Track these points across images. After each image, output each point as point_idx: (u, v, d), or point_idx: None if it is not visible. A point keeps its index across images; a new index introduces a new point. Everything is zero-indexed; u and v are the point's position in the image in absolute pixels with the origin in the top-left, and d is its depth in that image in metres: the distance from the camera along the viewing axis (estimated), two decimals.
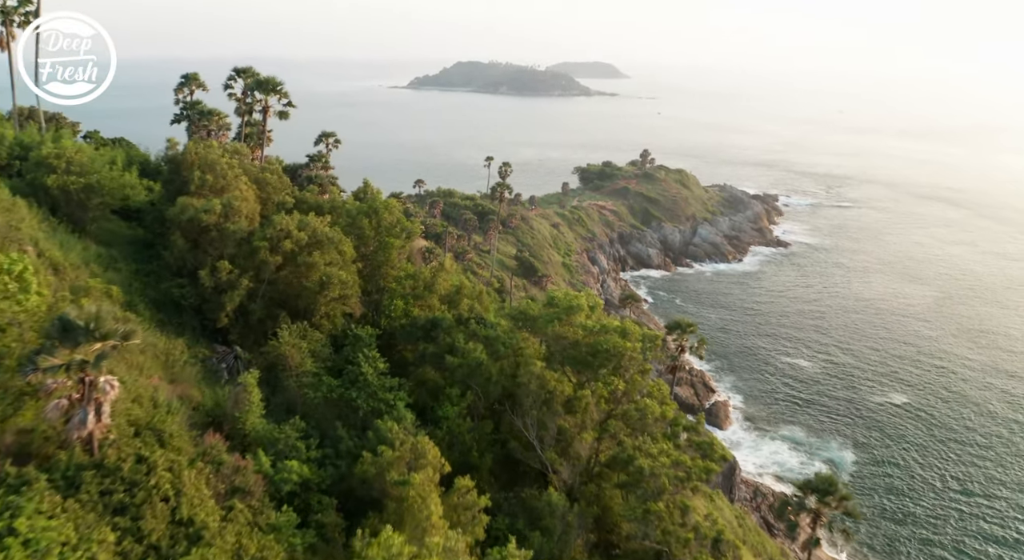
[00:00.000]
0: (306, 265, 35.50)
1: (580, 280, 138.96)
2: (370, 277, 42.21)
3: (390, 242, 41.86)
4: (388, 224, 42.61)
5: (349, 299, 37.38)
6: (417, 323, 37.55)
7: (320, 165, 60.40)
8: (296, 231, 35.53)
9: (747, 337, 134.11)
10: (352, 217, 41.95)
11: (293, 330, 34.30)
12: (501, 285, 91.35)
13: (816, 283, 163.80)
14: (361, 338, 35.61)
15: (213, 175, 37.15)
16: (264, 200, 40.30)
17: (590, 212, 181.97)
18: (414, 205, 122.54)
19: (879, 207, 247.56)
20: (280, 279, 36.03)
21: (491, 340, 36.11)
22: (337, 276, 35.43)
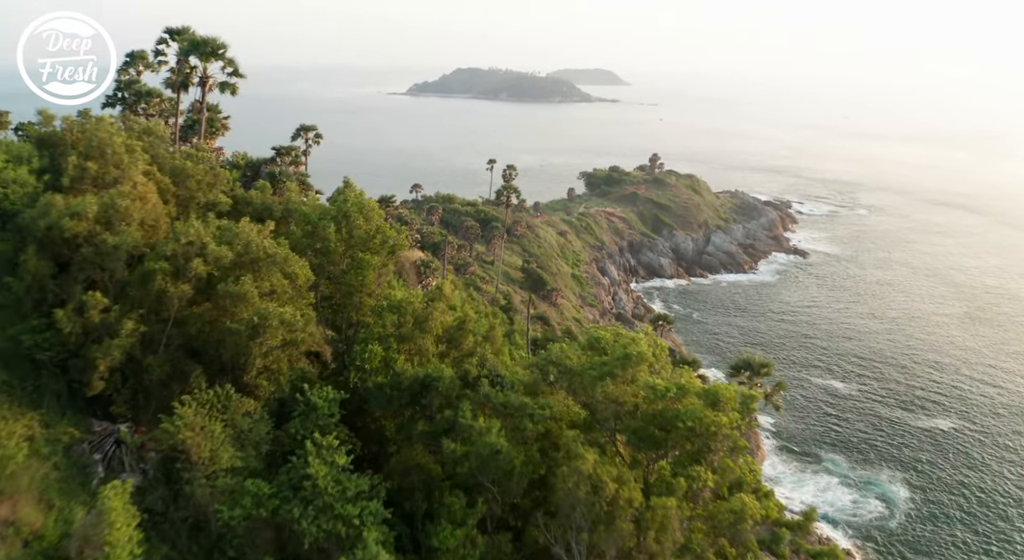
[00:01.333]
0: (231, 297, 22.98)
1: (591, 293, 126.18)
2: (338, 308, 29.76)
3: (365, 260, 29.27)
4: (363, 234, 30.02)
5: (300, 345, 24.83)
6: (401, 383, 24.91)
7: (290, 160, 47.94)
8: (215, 246, 22.96)
9: (773, 355, 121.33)
10: (312, 224, 29.33)
11: (206, 399, 21.82)
12: (508, 302, 78.76)
13: (841, 295, 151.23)
14: (315, 408, 23.12)
15: (99, 162, 24.68)
16: (184, 200, 27.82)
17: (598, 219, 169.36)
18: (410, 211, 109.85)
19: (895, 214, 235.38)
20: (192, 318, 23.53)
21: (512, 411, 23.57)
22: (276, 314, 22.83)
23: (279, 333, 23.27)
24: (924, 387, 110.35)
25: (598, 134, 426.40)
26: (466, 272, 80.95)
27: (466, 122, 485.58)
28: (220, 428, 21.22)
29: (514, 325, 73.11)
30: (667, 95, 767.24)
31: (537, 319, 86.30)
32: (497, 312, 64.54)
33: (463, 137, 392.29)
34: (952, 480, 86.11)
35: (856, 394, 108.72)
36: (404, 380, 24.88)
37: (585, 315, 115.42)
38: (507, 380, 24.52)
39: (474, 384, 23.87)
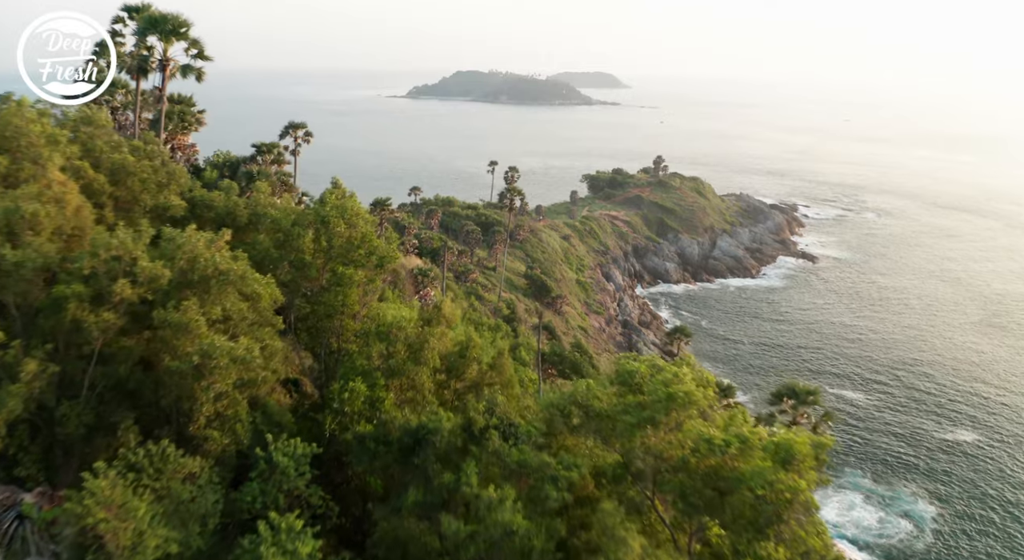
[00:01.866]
0: (169, 328, 17.79)
1: (596, 300, 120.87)
2: (316, 333, 24.57)
3: (346, 275, 24.05)
4: (344, 244, 24.82)
5: (260, 386, 19.57)
6: (388, 434, 19.58)
7: (272, 158, 42.69)
8: (147, 262, 17.73)
9: (785, 363, 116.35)
10: (284, 232, 24.10)
11: (134, 461, 16.60)
12: (512, 311, 73.45)
13: (852, 301, 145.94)
14: (283, 471, 17.89)
15: (11, 156, 19.49)
16: (125, 204, 22.58)
17: (602, 223, 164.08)
18: (408, 215, 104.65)
19: (904, 217, 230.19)
20: (122, 354, 18.33)
21: (530, 472, 18.23)
22: (226, 350, 17.58)
23: (231, 373, 18.06)
24: (944, 396, 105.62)
25: (599, 136, 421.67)
26: (467, 280, 75.69)
27: (466, 124, 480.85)
28: (148, 503, 15.94)
29: (519, 337, 67.80)
30: (667, 98, 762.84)
31: (543, 329, 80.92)
32: (500, 325, 59.36)
33: (463, 140, 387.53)
34: (980, 493, 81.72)
35: (873, 404, 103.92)
36: (392, 431, 19.63)
37: (591, 323, 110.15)
38: (522, 429, 19.31)
39: (481, 437, 18.69)
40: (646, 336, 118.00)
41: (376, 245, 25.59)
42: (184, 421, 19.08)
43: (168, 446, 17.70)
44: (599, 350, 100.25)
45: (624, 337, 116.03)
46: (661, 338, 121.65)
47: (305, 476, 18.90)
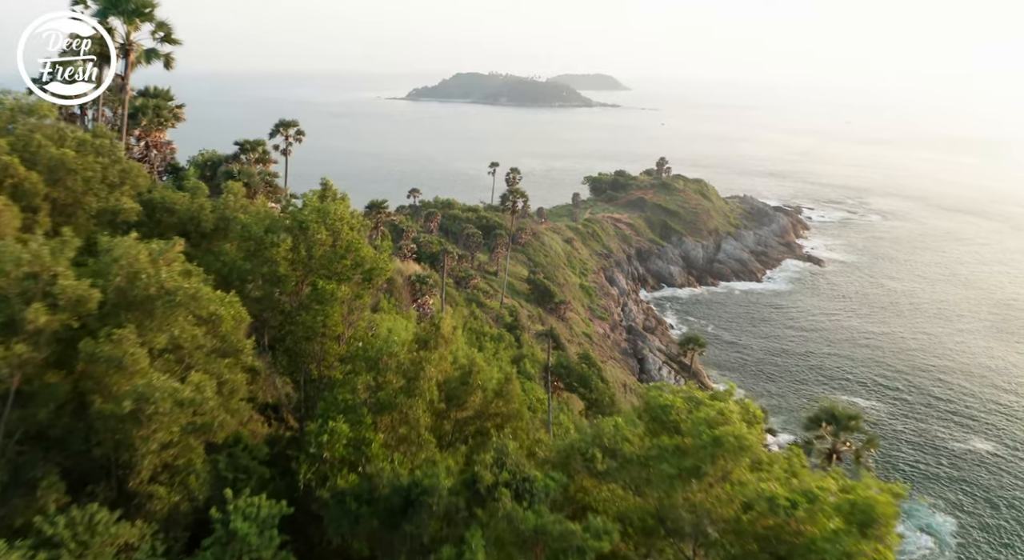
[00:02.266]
0: (101, 363, 14.12)
1: (600, 305, 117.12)
2: (293, 357, 20.89)
3: (327, 291, 20.32)
4: (326, 254, 21.14)
5: (214, 431, 15.83)
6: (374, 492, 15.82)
7: (256, 156, 39.02)
8: (72, 280, 14.04)
9: (794, 370, 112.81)
10: (256, 240, 20.38)
11: (52, 534, 12.96)
12: (515, 318, 69.71)
13: (861, 306, 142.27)
14: (243, 539, 14.28)
15: None
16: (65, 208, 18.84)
17: (604, 225, 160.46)
18: (406, 218, 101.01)
19: (909, 220, 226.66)
20: (42, 395, 14.68)
21: (551, 542, 14.51)
22: (168, 392, 13.84)
23: (177, 418, 14.39)
24: (959, 403, 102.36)
25: (600, 138, 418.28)
26: (468, 286, 71.93)
27: (466, 126, 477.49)
28: None
29: (523, 347, 64.17)
30: (667, 100, 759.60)
31: (546, 336, 77.20)
32: (503, 334, 55.70)
33: (463, 141, 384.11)
34: (1002, 504, 78.45)
35: (887, 411, 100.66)
36: (379, 487, 15.91)
37: (595, 329, 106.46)
38: (538, 484, 15.56)
39: (489, 497, 15.01)
40: (652, 342, 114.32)
41: (364, 255, 21.92)
42: (124, 474, 15.44)
43: (97, 511, 14.03)
44: (604, 358, 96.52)
45: (629, 343, 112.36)
46: (667, 344, 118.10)
47: (273, 542, 15.28)
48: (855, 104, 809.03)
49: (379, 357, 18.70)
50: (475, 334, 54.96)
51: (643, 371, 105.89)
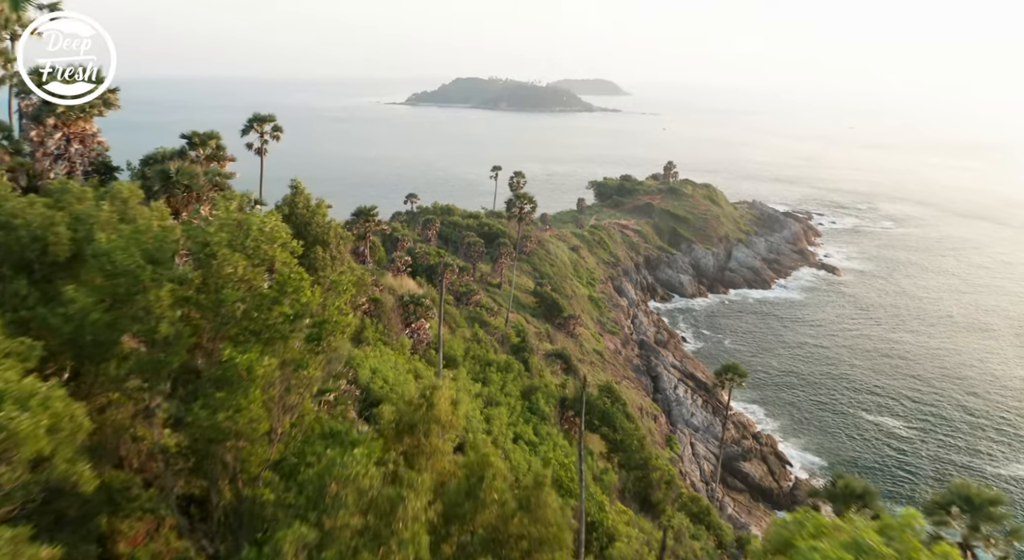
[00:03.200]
0: None
1: (610, 318, 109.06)
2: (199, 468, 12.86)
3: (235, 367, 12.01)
4: (245, 300, 12.93)
5: None
6: None
7: (206, 153, 31.24)
8: None
9: (817, 385, 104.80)
10: (128, 277, 12.26)
11: None
12: (522, 338, 61.65)
13: (882, 317, 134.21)
14: None
15: None
16: None
17: (611, 232, 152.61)
18: (402, 225, 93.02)
19: (923, 226, 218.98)
20: None
21: None
22: None
23: None
24: (995, 425, 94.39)
25: (601, 143, 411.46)
26: (469, 302, 63.84)
27: (466, 131, 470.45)
28: None
29: (532, 373, 56.21)
30: (668, 105, 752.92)
31: (556, 358, 69.24)
32: (511, 363, 47.68)
33: (462, 146, 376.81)
34: None
35: (917, 434, 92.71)
36: None
37: (605, 345, 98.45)
38: None
39: None
40: (665, 358, 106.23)
41: (307, 302, 13.80)
42: None
43: None
44: (618, 377, 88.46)
45: (642, 359, 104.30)
46: (681, 359, 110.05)
47: None
48: (858, 109, 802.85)
49: (324, 485, 10.65)
50: (479, 363, 46.89)
51: (657, 390, 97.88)
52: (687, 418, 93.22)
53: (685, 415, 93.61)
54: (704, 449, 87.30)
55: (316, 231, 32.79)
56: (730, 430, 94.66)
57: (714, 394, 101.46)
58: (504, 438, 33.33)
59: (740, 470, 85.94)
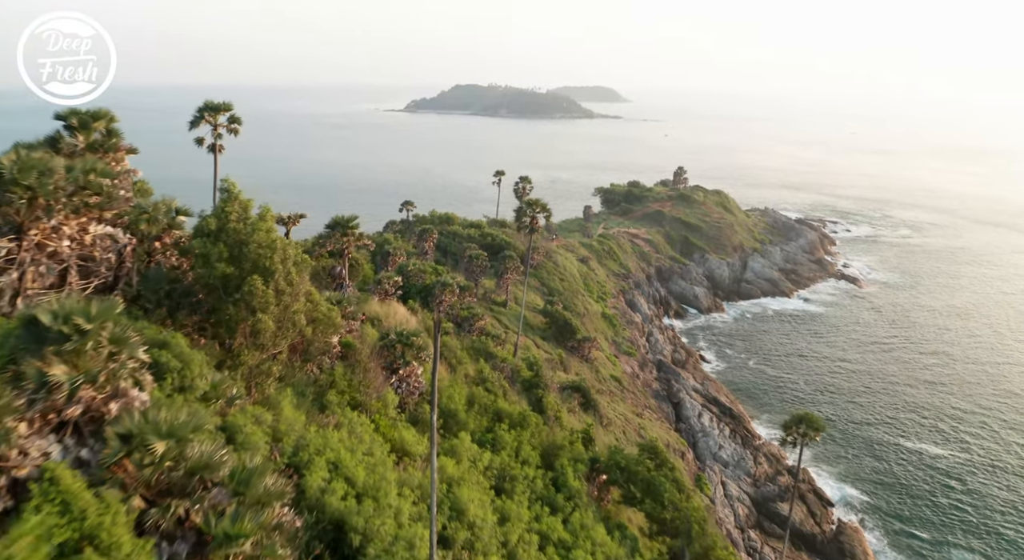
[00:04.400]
0: None
1: (626, 338, 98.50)
2: None
3: None
4: None
5: None
6: None
7: (87, 140, 21.04)
8: None
9: (847, 409, 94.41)
10: None
11: None
12: (535, 372, 51.17)
13: (914, 332, 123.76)
14: None
15: None
16: None
17: (621, 242, 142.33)
18: (396, 237, 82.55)
19: (942, 235, 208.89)
20: None
21: None
22: None
23: None
24: None
25: (603, 150, 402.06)
26: (472, 329, 53.16)
27: (465, 137, 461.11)
28: None
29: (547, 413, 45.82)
30: (669, 111, 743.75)
31: (573, 392, 58.74)
32: (527, 415, 37.25)
33: (462, 152, 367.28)
34: None
35: (960, 463, 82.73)
36: None
37: (622, 368, 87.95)
38: None
39: None
40: (686, 381, 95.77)
41: None
42: None
43: None
44: (638, 407, 77.97)
45: (662, 384, 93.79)
46: (702, 381, 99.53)
47: None
48: (859, 115, 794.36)
49: None
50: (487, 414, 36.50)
51: (680, 418, 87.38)
52: (715, 451, 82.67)
53: (712, 447, 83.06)
54: (737, 489, 76.68)
55: (255, 254, 22.51)
56: (762, 463, 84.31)
57: (741, 422, 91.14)
58: (527, 547, 22.95)
59: (777, 513, 75.46)
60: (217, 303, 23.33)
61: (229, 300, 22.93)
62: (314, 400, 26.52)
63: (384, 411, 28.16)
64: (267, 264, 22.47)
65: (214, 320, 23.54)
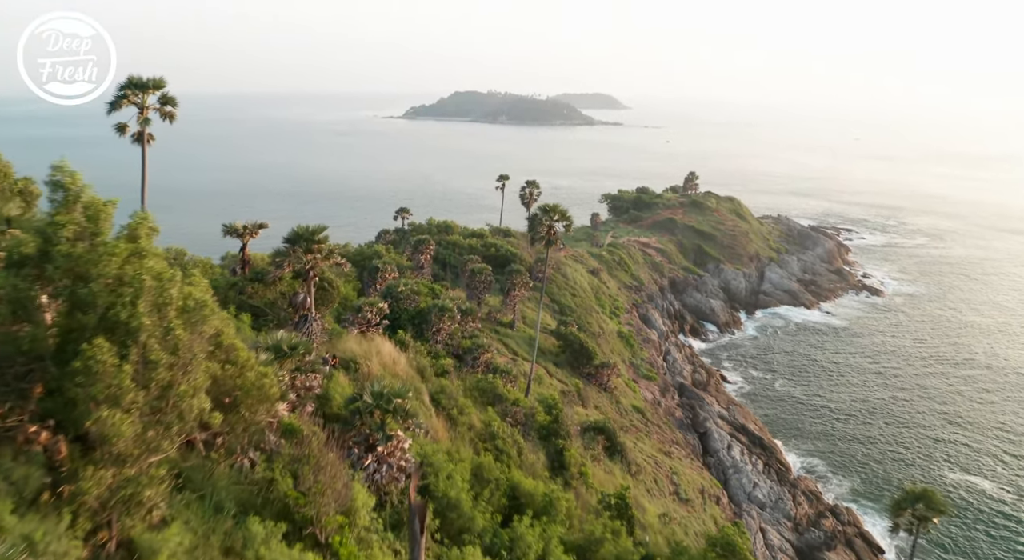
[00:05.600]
0: None
1: (644, 359, 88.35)
2: None
3: None
4: None
5: None
6: None
7: None
8: None
9: (884, 436, 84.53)
10: None
11: None
12: (555, 417, 41.18)
13: (948, 349, 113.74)
14: None
15: None
16: None
17: (632, 252, 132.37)
18: (388, 249, 72.55)
19: (961, 242, 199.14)
20: None
21: None
22: None
23: None
24: None
25: (605, 156, 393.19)
26: (476, 363, 42.82)
27: (464, 144, 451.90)
28: None
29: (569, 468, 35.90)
30: (669, 118, 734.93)
31: (596, 434, 48.71)
32: (553, 497, 27.30)
33: (461, 159, 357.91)
34: None
35: (1013, 498, 73.18)
36: None
37: (643, 395, 77.82)
38: None
39: None
40: (711, 407, 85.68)
41: None
42: None
43: None
44: (665, 444, 67.79)
45: (685, 411, 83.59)
46: (727, 405, 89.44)
47: None
48: (861, 120, 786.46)
49: None
50: (500, 492, 26.47)
51: (708, 451, 77.23)
52: (749, 490, 72.47)
53: (746, 486, 72.87)
54: (778, 537, 66.45)
55: (103, 298, 12.68)
56: (801, 504, 74.11)
57: (773, 453, 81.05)
58: None
59: None
60: (53, 380, 13.39)
61: (68, 376, 13.02)
62: (237, 522, 16.40)
63: (350, 525, 18.12)
64: (124, 316, 12.47)
65: (52, 405, 13.56)
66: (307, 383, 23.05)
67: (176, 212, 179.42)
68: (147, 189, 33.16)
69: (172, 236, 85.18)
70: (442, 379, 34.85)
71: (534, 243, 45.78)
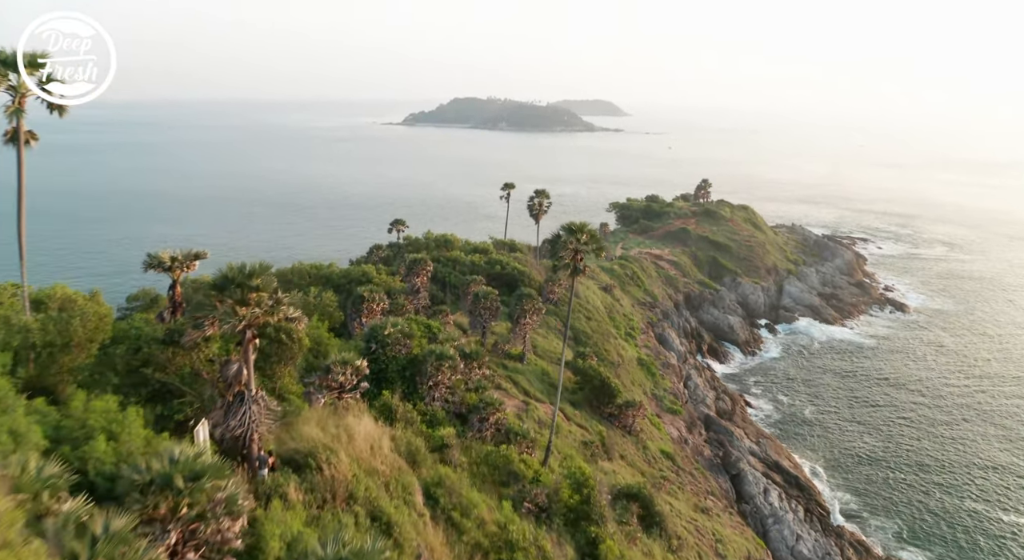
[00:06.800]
0: None
1: (667, 390, 78.86)
2: None
3: None
4: None
5: None
6: None
7: None
8: None
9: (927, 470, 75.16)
10: None
11: None
12: (584, 495, 31.84)
13: (989, 370, 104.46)
14: None
15: None
16: None
17: (644, 264, 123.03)
18: (378, 267, 63.21)
19: (981, 252, 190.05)
20: None
21: None
22: None
23: None
24: None
25: (608, 163, 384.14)
26: (485, 426, 33.33)
27: (464, 150, 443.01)
28: None
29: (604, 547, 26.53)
30: (670, 125, 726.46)
31: (629, 501, 39.38)
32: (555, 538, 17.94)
33: (461, 166, 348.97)
34: None
35: None
36: None
37: (668, 432, 68.35)
38: None
39: None
40: (741, 443, 76.17)
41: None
42: None
43: None
44: (699, 495, 58.26)
45: (713, 448, 74.02)
46: (758, 438, 80.00)
47: None
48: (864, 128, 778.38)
49: None
50: None
51: (742, 497, 67.60)
52: (792, 544, 62.85)
53: (788, 539, 63.25)
54: None
55: None
56: (851, 558, 64.73)
57: (812, 496, 71.56)
58: None
59: None
60: None
61: None
62: None
63: None
64: None
65: None
66: (216, 536, 13.84)
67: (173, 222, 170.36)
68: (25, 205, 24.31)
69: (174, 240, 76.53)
70: (440, 467, 25.48)
71: (557, 271, 36.28)
